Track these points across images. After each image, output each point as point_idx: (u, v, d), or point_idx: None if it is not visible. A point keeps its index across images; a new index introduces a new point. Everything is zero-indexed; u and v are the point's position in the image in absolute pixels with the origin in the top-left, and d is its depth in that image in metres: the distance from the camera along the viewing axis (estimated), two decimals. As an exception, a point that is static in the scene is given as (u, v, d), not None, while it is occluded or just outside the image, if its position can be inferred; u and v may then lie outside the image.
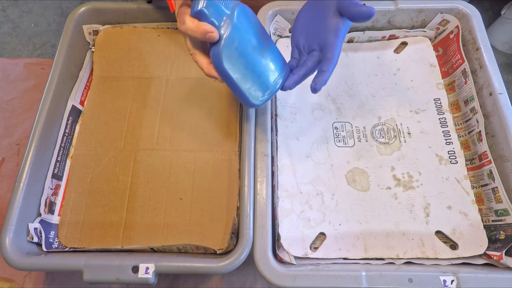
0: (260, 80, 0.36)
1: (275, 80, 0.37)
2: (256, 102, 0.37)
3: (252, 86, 0.36)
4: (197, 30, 0.32)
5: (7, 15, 0.79)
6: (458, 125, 0.50)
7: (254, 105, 0.37)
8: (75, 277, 0.46)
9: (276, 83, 0.37)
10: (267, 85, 0.37)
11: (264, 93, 0.37)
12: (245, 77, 0.35)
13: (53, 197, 0.46)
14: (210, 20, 0.32)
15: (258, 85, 0.36)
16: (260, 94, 0.37)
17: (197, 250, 0.43)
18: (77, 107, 0.52)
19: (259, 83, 0.36)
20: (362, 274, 0.37)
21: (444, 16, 0.53)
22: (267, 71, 0.36)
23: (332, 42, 0.36)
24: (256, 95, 0.36)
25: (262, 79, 0.36)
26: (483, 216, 0.44)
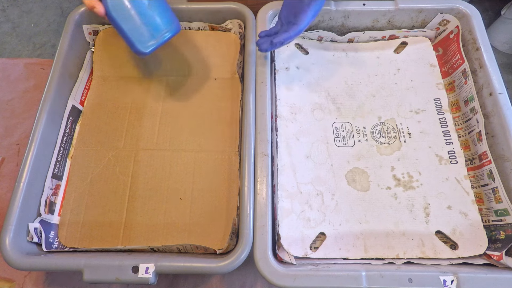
0: (146, 30, 0.41)
1: (162, 33, 0.42)
2: (142, 49, 0.41)
3: (137, 34, 0.40)
4: None
5: (7, 15, 0.79)
6: (458, 125, 0.50)
7: (141, 51, 0.41)
8: (75, 277, 0.46)
9: (163, 36, 0.42)
10: (153, 35, 0.41)
11: (150, 42, 0.41)
12: (131, 25, 0.40)
13: (53, 197, 0.46)
14: None
15: (144, 34, 0.41)
16: (146, 42, 0.41)
17: (197, 250, 0.43)
18: (77, 107, 0.52)
19: (145, 33, 0.41)
20: (362, 274, 0.37)
21: (444, 16, 0.53)
22: (153, 23, 0.41)
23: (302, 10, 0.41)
24: (142, 43, 0.41)
25: (148, 29, 0.41)
26: (483, 216, 0.44)
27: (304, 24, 0.42)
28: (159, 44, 0.42)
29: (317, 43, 0.56)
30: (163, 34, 0.42)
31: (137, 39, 0.41)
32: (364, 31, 0.55)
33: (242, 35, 0.55)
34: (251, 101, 0.46)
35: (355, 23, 0.55)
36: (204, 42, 0.56)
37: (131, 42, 0.41)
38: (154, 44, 0.41)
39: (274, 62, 0.54)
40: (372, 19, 0.54)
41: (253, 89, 0.47)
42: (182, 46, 0.56)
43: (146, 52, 0.41)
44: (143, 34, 0.41)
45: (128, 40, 0.41)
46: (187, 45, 0.56)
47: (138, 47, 0.41)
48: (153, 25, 0.41)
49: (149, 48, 0.41)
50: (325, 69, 0.54)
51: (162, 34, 0.42)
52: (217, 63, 0.55)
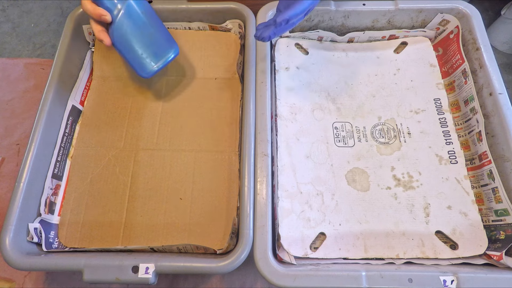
0: (147, 59, 0.45)
1: (162, 59, 0.46)
2: (143, 74, 0.46)
3: (139, 62, 0.45)
4: (94, 12, 0.41)
5: (7, 15, 0.79)
6: (458, 125, 0.50)
7: (142, 75, 0.46)
8: (75, 277, 0.46)
9: (162, 61, 0.46)
10: (153, 62, 0.46)
11: (150, 68, 0.46)
12: (133, 53, 0.45)
13: (53, 197, 0.46)
14: (105, 6, 0.42)
15: (145, 62, 0.45)
16: (147, 69, 0.46)
17: (197, 250, 0.43)
18: (77, 107, 0.52)
19: (146, 61, 0.45)
20: (362, 274, 0.37)
21: (444, 16, 0.53)
22: (154, 52, 0.46)
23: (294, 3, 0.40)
24: (143, 70, 0.46)
25: (148, 58, 0.45)
26: (483, 216, 0.44)
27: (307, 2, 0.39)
28: (159, 69, 0.46)
29: (317, 43, 0.56)
30: (162, 59, 0.46)
31: (139, 67, 0.46)
32: (364, 31, 0.55)
33: (242, 35, 0.55)
34: (251, 101, 0.46)
35: (355, 23, 0.55)
36: (204, 42, 0.56)
37: (134, 69, 0.46)
38: (153, 70, 0.46)
39: (274, 62, 0.54)
40: (372, 19, 0.54)
41: (253, 89, 0.47)
42: (182, 46, 0.56)
43: (147, 77, 0.46)
44: (144, 62, 0.46)
45: (131, 66, 0.46)
46: (187, 45, 0.56)
47: (139, 73, 0.46)
48: (153, 53, 0.46)
49: (149, 73, 0.46)
50: (325, 69, 0.54)
51: (162, 60, 0.46)
52: (217, 63, 0.55)
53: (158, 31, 0.46)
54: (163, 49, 0.46)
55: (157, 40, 0.46)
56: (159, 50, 0.46)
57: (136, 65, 0.45)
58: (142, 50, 0.45)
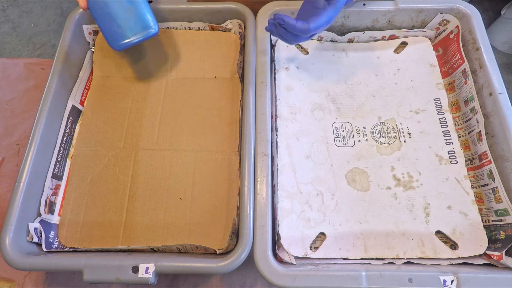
0: (119, 29, 0.45)
1: (135, 34, 0.46)
2: (113, 45, 0.46)
3: (111, 31, 0.45)
4: None
5: (7, 15, 0.79)
6: (458, 125, 0.50)
7: (112, 46, 0.46)
8: (75, 277, 0.46)
9: (136, 37, 0.46)
10: (126, 35, 0.45)
11: (121, 41, 0.45)
12: (107, 21, 0.44)
13: (53, 197, 0.46)
14: None
15: (117, 33, 0.45)
16: (118, 41, 0.45)
17: (197, 250, 0.43)
18: (77, 107, 0.52)
19: (118, 32, 0.45)
20: (362, 274, 0.37)
21: (444, 16, 0.53)
22: (129, 24, 0.45)
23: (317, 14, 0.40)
24: (114, 40, 0.45)
25: (121, 29, 0.45)
26: (483, 216, 0.44)
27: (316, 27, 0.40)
28: (131, 44, 0.46)
29: (317, 43, 0.56)
30: (136, 35, 0.46)
31: (110, 36, 0.45)
32: (364, 31, 0.55)
33: (242, 35, 0.55)
34: (251, 101, 0.46)
35: (355, 23, 0.55)
36: (204, 42, 0.56)
37: (105, 38, 0.45)
38: (125, 44, 0.45)
39: (274, 62, 0.54)
40: (372, 19, 0.54)
41: (253, 89, 0.47)
42: (182, 46, 0.56)
43: (116, 49, 0.46)
44: (116, 33, 0.45)
45: (103, 35, 0.45)
46: (187, 45, 0.56)
47: (110, 43, 0.45)
48: (127, 26, 0.45)
49: (120, 46, 0.46)
50: (325, 69, 0.54)
51: (136, 35, 0.46)
52: (217, 63, 0.55)
53: (138, 7, 0.46)
54: (140, 25, 0.46)
55: (135, 15, 0.45)
56: (136, 25, 0.45)
57: (108, 35, 0.45)
58: (116, 20, 0.45)
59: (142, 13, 0.46)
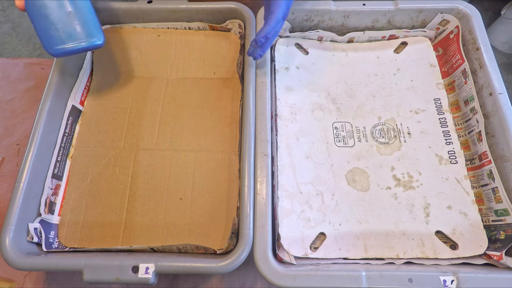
0: (57, 34, 0.42)
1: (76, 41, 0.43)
2: (49, 49, 0.43)
3: (47, 35, 0.42)
4: None
5: (7, 15, 0.79)
6: (458, 125, 0.50)
7: (48, 50, 0.43)
8: (75, 277, 0.46)
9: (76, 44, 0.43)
10: (64, 41, 0.42)
11: (58, 46, 0.42)
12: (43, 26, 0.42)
13: (53, 197, 0.46)
14: None
15: (53, 37, 0.42)
16: (54, 45, 0.42)
17: (197, 250, 0.43)
18: (77, 107, 0.52)
19: (56, 36, 0.42)
20: (362, 274, 0.37)
21: (444, 16, 0.53)
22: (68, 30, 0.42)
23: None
24: (50, 44, 0.42)
25: (59, 34, 0.42)
26: (483, 216, 0.44)
27: (281, 11, 0.41)
28: (70, 51, 0.43)
29: (317, 43, 0.56)
30: (75, 42, 0.43)
31: (46, 40, 0.42)
32: (364, 31, 0.55)
33: (242, 35, 0.55)
34: (251, 101, 0.46)
35: (355, 23, 0.55)
36: (204, 42, 0.56)
37: (41, 41, 0.43)
38: (62, 49, 0.43)
39: (274, 62, 0.54)
40: (372, 19, 0.54)
41: (253, 89, 0.47)
42: (182, 46, 0.56)
43: (53, 54, 0.43)
44: (53, 37, 0.42)
45: (39, 38, 0.42)
46: (187, 45, 0.56)
47: (46, 47, 0.43)
48: (67, 32, 0.42)
49: (57, 51, 0.43)
50: (325, 69, 0.54)
51: (75, 43, 0.43)
52: (217, 63, 0.55)
53: (81, 13, 0.43)
54: (82, 33, 0.43)
55: (77, 21, 0.43)
56: (76, 32, 0.43)
57: (44, 37, 0.42)
58: (55, 24, 0.42)
59: (85, 20, 0.43)
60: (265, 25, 0.42)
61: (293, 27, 0.56)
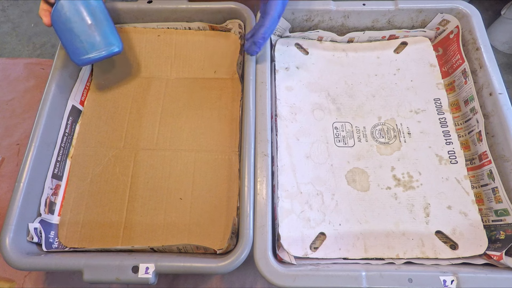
0: (81, 45, 0.45)
1: (98, 50, 0.46)
2: (74, 60, 0.46)
3: (73, 47, 0.45)
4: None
5: (7, 15, 0.79)
6: (458, 125, 0.50)
7: (74, 61, 0.46)
8: (75, 277, 0.46)
9: (98, 53, 0.46)
10: (88, 51, 0.46)
11: (83, 56, 0.46)
12: (69, 37, 0.45)
13: (53, 197, 0.46)
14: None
15: (78, 48, 0.45)
16: (79, 56, 0.46)
17: (197, 250, 0.43)
18: (77, 107, 0.52)
19: (80, 47, 0.45)
20: (362, 274, 0.37)
21: (444, 16, 0.53)
22: (91, 41, 0.46)
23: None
24: (76, 55, 0.46)
25: (84, 45, 0.45)
26: (483, 216, 0.44)
27: (277, 11, 0.42)
28: (93, 59, 0.46)
29: (317, 43, 0.56)
30: (99, 52, 0.46)
31: (72, 51, 0.46)
32: (364, 31, 0.55)
33: (242, 35, 0.55)
34: (251, 101, 0.46)
35: (355, 23, 0.55)
36: (204, 42, 0.56)
37: (67, 53, 0.46)
38: (87, 59, 0.46)
39: (274, 62, 0.54)
40: (372, 19, 0.54)
41: (253, 89, 0.47)
42: (182, 46, 0.56)
43: (78, 64, 0.46)
44: (78, 48, 0.45)
45: (66, 50, 0.46)
46: (187, 45, 0.56)
47: (72, 58, 0.46)
48: (90, 42, 0.46)
49: (82, 61, 0.46)
50: (325, 69, 0.54)
51: (98, 52, 0.46)
52: (217, 63, 0.55)
53: (101, 23, 0.46)
54: (102, 43, 0.47)
55: (98, 32, 0.46)
56: (98, 42, 0.46)
57: (70, 49, 0.46)
58: (79, 36, 0.45)
59: (104, 31, 0.47)
60: (262, 26, 0.43)
61: (293, 27, 0.56)
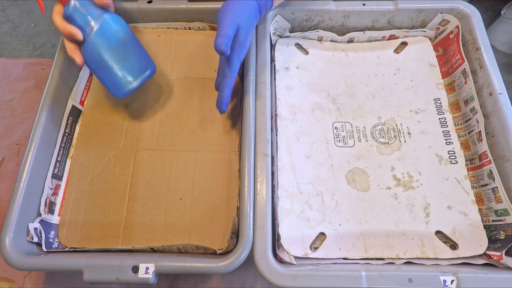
0: (119, 79, 0.45)
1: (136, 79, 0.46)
2: (116, 94, 0.45)
3: (112, 82, 0.44)
4: (64, 30, 0.40)
5: (7, 15, 0.79)
6: (458, 125, 0.50)
7: (116, 95, 0.46)
8: (75, 277, 0.46)
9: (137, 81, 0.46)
10: (126, 82, 0.45)
11: (123, 88, 0.45)
12: (106, 73, 0.44)
13: (53, 197, 0.46)
14: (77, 23, 0.41)
15: (117, 82, 0.45)
16: (120, 89, 0.45)
17: (197, 250, 0.43)
18: (77, 107, 0.52)
19: (118, 81, 0.45)
20: (362, 274, 0.37)
21: (444, 16, 0.53)
22: (127, 72, 0.45)
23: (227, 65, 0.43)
24: (116, 89, 0.45)
25: (121, 78, 0.45)
26: (483, 216, 0.44)
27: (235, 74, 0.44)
28: (134, 88, 0.46)
29: (317, 43, 0.56)
30: (137, 79, 0.46)
31: (111, 86, 0.45)
32: (364, 31, 0.55)
33: (242, 35, 0.54)
34: (251, 101, 0.46)
35: (355, 23, 0.55)
36: (204, 42, 0.56)
37: (107, 89, 0.45)
38: (128, 90, 0.46)
39: (274, 62, 0.54)
40: (372, 19, 0.54)
41: (253, 89, 0.47)
42: (182, 46, 0.56)
43: (121, 97, 0.46)
44: (116, 83, 0.45)
45: (105, 86, 0.45)
46: (187, 45, 0.56)
47: (113, 93, 0.45)
48: (126, 73, 0.45)
49: (123, 93, 0.46)
50: (325, 69, 0.54)
51: (137, 80, 0.46)
52: (217, 63, 0.54)
53: (133, 50, 0.46)
54: (138, 68, 0.46)
55: (132, 59, 0.45)
56: (134, 69, 0.46)
57: (109, 85, 0.45)
58: (115, 69, 0.44)
59: (137, 57, 0.46)
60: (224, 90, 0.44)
61: (293, 27, 0.56)
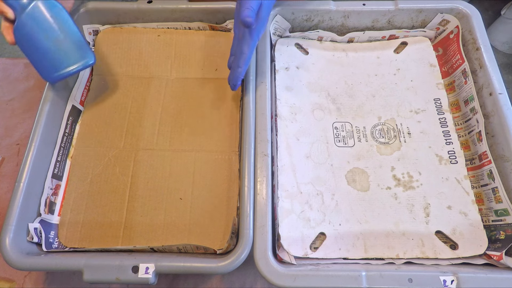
0: (50, 63, 0.43)
1: (69, 66, 0.44)
2: (45, 78, 0.44)
3: (41, 65, 0.43)
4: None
5: (7, 15, 0.79)
6: (458, 125, 0.50)
7: (46, 79, 0.44)
8: (75, 277, 0.46)
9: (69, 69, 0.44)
10: (57, 67, 0.44)
11: (54, 73, 0.44)
12: (36, 55, 0.43)
13: (53, 197, 0.46)
14: (9, 2, 0.40)
15: (47, 66, 0.43)
16: (50, 73, 0.44)
17: (197, 250, 0.43)
18: (77, 107, 0.52)
19: (49, 65, 0.43)
20: (362, 274, 0.37)
21: (444, 16, 0.53)
22: (60, 57, 0.43)
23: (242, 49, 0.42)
24: (46, 73, 0.44)
25: (52, 62, 0.43)
26: (483, 216, 0.44)
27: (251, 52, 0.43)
28: (66, 75, 0.44)
29: (317, 43, 0.56)
30: (71, 67, 0.44)
31: (41, 70, 0.44)
32: (364, 31, 0.55)
33: (242, 35, 0.55)
34: (251, 101, 0.46)
35: (355, 23, 0.55)
36: (204, 42, 0.56)
37: (38, 71, 0.44)
38: (59, 76, 0.44)
39: (274, 62, 0.54)
40: (372, 19, 0.54)
41: (253, 89, 0.47)
42: (182, 46, 0.56)
43: (51, 82, 0.45)
44: (48, 66, 0.43)
45: (35, 68, 0.44)
46: (187, 45, 0.56)
47: (43, 76, 0.44)
48: (59, 59, 0.44)
49: (54, 79, 0.44)
50: (325, 69, 0.54)
51: (70, 67, 0.44)
52: (217, 63, 0.55)
53: (69, 38, 0.44)
54: (73, 56, 0.44)
55: (66, 46, 0.44)
56: (68, 56, 0.44)
57: (39, 68, 0.44)
58: (45, 53, 0.43)
59: (74, 45, 0.44)
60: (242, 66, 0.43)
61: (293, 27, 0.56)
